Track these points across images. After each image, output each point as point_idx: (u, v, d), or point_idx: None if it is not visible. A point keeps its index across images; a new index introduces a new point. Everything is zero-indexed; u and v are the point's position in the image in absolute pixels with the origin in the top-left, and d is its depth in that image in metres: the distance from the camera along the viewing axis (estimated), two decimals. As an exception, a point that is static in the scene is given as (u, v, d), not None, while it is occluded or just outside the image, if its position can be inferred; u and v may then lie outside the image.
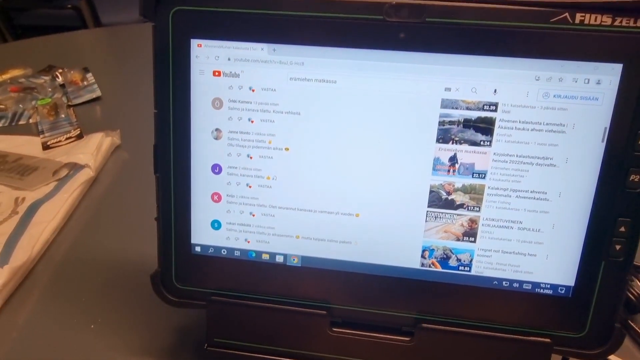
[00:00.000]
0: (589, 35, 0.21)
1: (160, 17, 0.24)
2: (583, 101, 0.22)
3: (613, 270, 0.24)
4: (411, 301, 0.26)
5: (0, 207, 0.41)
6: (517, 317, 0.25)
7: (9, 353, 0.30)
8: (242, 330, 0.27)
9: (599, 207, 0.23)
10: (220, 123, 0.25)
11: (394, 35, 0.22)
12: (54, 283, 0.35)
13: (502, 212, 0.24)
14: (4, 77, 0.63)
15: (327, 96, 0.24)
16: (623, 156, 0.22)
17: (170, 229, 0.27)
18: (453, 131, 0.23)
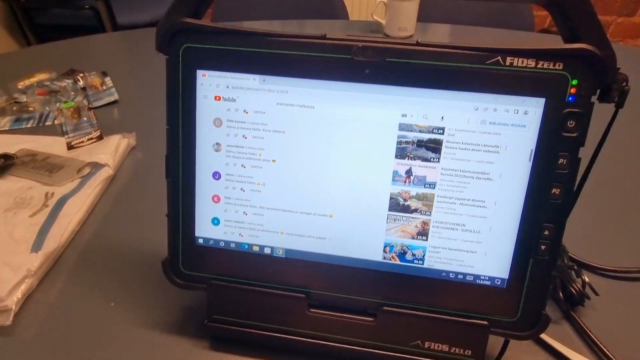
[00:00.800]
0: (517, 75, 0.26)
1: (173, 52, 0.29)
2: (513, 127, 0.27)
3: (540, 267, 0.29)
4: (374, 288, 0.31)
5: (33, 200, 0.47)
6: (461, 303, 0.30)
7: (42, 325, 0.36)
8: (236, 309, 0.33)
9: (528, 214, 0.28)
10: (220, 138, 0.30)
11: (360, 71, 0.28)
12: (79, 267, 0.41)
13: (449, 216, 0.29)
14: (31, 80, 0.69)
15: (307, 118, 0.29)
16: (546, 173, 0.27)
17: (178, 223, 0.32)
18: (408, 149, 0.28)
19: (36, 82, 0.69)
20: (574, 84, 0.26)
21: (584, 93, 0.26)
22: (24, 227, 0.43)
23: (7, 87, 0.67)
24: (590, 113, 0.26)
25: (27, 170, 0.51)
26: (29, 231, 0.42)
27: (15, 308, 0.36)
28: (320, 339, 0.32)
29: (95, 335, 0.35)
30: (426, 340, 0.31)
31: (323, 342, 0.32)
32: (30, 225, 0.43)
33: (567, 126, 0.26)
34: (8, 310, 0.36)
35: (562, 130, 0.27)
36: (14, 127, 0.61)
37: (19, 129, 0.61)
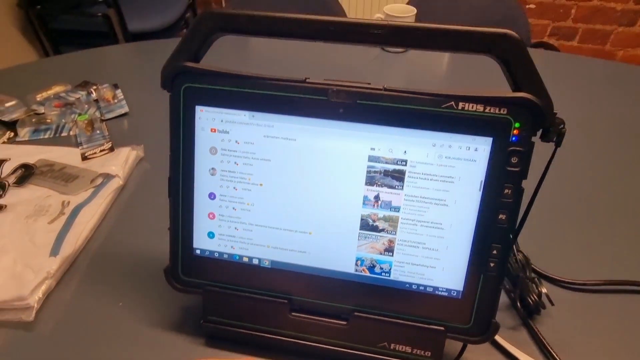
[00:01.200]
0: (468, 117, 0.31)
1: (175, 91, 0.34)
2: (465, 162, 0.31)
3: (489, 281, 0.33)
4: (347, 296, 0.36)
5: (51, 208, 0.52)
6: (422, 310, 0.35)
7: (59, 321, 0.41)
8: (228, 312, 0.38)
9: (478, 236, 0.33)
10: (215, 164, 0.35)
11: (335, 111, 0.32)
12: (92, 270, 0.46)
13: (411, 235, 0.34)
14: (49, 92, 0.74)
15: (289, 149, 0.34)
16: (493, 201, 0.32)
17: (178, 236, 0.37)
18: (377, 178, 0.33)
19: (53, 94, 0.74)
20: (517, 126, 0.30)
21: (525, 134, 0.30)
22: (44, 232, 0.48)
23: (26, 99, 0.73)
24: (531, 151, 0.31)
25: (46, 179, 0.56)
26: (48, 237, 0.47)
27: (36, 306, 0.41)
28: (300, 339, 0.37)
29: (105, 331, 0.40)
30: (392, 342, 0.36)
31: (303, 342, 0.37)
32: (49, 231, 0.48)
33: (510, 162, 0.31)
34: (30, 308, 0.41)
35: (507, 165, 0.31)
36: (33, 138, 0.66)
37: (37, 139, 0.66)
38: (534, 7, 1.70)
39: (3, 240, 0.47)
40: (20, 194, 0.54)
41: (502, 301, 0.44)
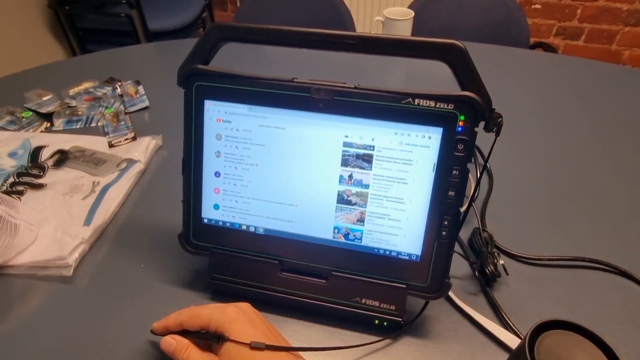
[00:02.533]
0: (423, 111, 0.37)
1: (189, 88, 0.42)
2: (421, 147, 0.38)
3: (442, 247, 0.40)
4: (326, 259, 0.43)
5: (84, 187, 0.61)
6: (387, 271, 0.42)
7: (92, 277, 0.50)
8: (229, 271, 0.46)
9: (432, 209, 0.40)
10: (220, 148, 0.43)
11: (317, 105, 0.39)
12: (118, 238, 0.55)
13: (378, 208, 0.41)
14: (80, 88, 0.84)
15: (280, 136, 0.41)
16: (444, 180, 0.39)
17: (190, 207, 0.45)
18: (350, 160, 0.40)
19: (83, 90, 0.84)
20: (462, 119, 0.37)
21: (468, 125, 0.37)
22: (78, 207, 0.57)
23: (60, 94, 0.82)
24: (474, 139, 0.37)
25: (79, 163, 0.65)
26: (81, 210, 0.56)
27: (74, 264, 0.50)
28: (289, 294, 0.44)
29: (130, 286, 0.49)
30: (363, 298, 0.43)
31: (291, 296, 0.44)
32: (82, 205, 0.57)
33: (457, 148, 0.38)
34: (69, 266, 0.49)
35: (454, 151, 0.38)
36: (66, 128, 0.75)
37: (70, 129, 0.75)
38: (540, 7, 1.73)
39: (45, 213, 0.56)
40: (57, 175, 0.63)
41: (466, 271, 0.50)
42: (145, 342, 0.43)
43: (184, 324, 0.37)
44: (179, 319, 0.38)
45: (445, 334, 0.44)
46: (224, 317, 0.36)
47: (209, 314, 0.36)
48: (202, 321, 0.36)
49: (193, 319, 0.37)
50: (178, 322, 0.38)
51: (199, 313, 0.37)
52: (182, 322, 0.37)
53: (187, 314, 0.38)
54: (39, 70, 0.94)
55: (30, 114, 0.76)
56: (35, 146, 0.69)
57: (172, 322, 0.38)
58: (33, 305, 0.47)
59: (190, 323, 0.37)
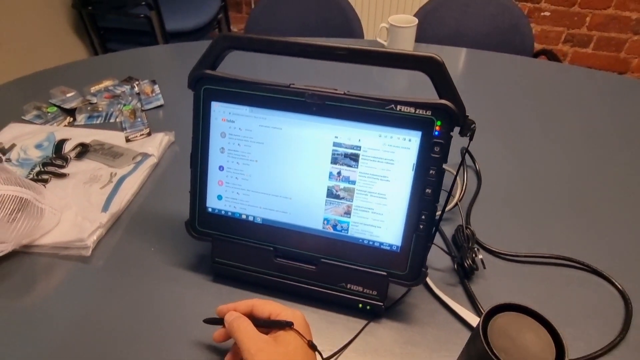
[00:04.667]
0: (404, 117, 0.42)
1: (197, 90, 0.47)
2: (402, 149, 0.43)
3: (420, 239, 0.45)
4: (316, 247, 0.48)
5: (102, 177, 0.66)
6: (371, 260, 0.46)
7: (107, 258, 0.55)
8: (230, 255, 0.51)
9: (411, 204, 0.44)
10: (224, 145, 0.48)
11: (310, 108, 0.44)
12: (132, 224, 0.60)
13: (363, 203, 0.45)
14: (100, 86, 0.90)
15: (277, 135, 0.46)
16: (422, 179, 0.43)
17: (196, 197, 0.50)
18: (339, 158, 0.45)
19: (103, 87, 0.90)
20: (438, 124, 0.41)
21: (444, 130, 0.41)
22: (97, 195, 0.63)
23: (82, 91, 0.88)
24: (449, 143, 0.42)
25: (98, 156, 0.71)
26: (100, 198, 0.62)
27: (92, 246, 0.55)
28: (282, 278, 0.49)
29: (141, 267, 0.54)
30: (348, 283, 0.47)
31: (284, 280, 0.49)
32: (100, 194, 0.63)
33: (434, 150, 0.42)
34: (88, 247, 0.55)
35: (431, 152, 0.42)
36: (87, 123, 0.82)
37: (91, 124, 0.81)
38: (549, 14, 1.75)
39: (67, 199, 0.62)
40: (78, 166, 0.69)
41: (448, 265, 0.55)
42: (154, 317, 0.48)
43: (255, 308, 0.41)
44: (251, 302, 0.42)
45: (423, 319, 0.48)
46: (294, 313, 0.40)
47: (280, 306, 0.41)
48: (274, 309, 0.40)
49: (266, 305, 0.41)
50: (249, 305, 0.41)
51: (272, 302, 0.41)
52: (254, 306, 0.41)
53: (259, 301, 0.41)
54: (63, 68, 1.00)
55: (55, 109, 0.83)
56: (59, 139, 0.75)
57: (242, 305, 0.42)
58: (55, 281, 0.53)
59: (262, 308, 0.41)
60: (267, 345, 0.37)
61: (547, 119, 0.82)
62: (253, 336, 0.38)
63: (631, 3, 1.64)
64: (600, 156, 0.73)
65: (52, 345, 0.45)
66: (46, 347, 0.45)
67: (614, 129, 0.80)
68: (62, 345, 0.45)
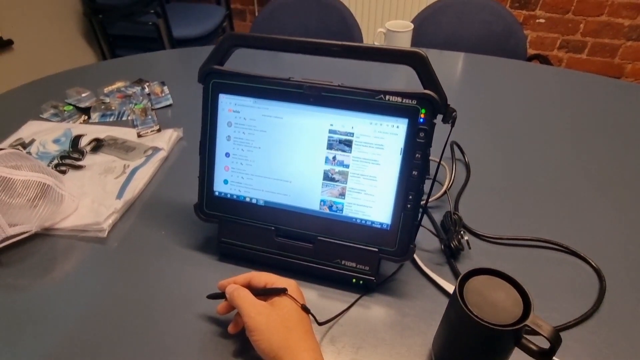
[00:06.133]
0: (392, 105, 0.47)
1: (206, 84, 0.52)
2: (391, 135, 0.47)
3: (407, 218, 0.49)
4: (313, 226, 0.52)
5: (116, 169, 0.71)
6: (363, 237, 0.51)
7: (121, 240, 0.60)
8: (235, 235, 0.55)
9: (400, 186, 0.48)
10: (230, 133, 0.52)
11: (308, 99, 0.49)
12: (144, 210, 0.65)
13: (356, 185, 0.50)
14: (113, 87, 0.95)
15: (278, 124, 0.51)
16: (409, 162, 0.47)
17: (204, 182, 0.55)
18: (334, 144, 0.49)
19: (116, 88, 0.95)
20: (423, 112, 0.46)
21: (428, 117, 0.46)
22: (111, 184, 0.68)
23: (96, 91, 0.94)
24: (433, 129, 0.46)
25: (112, 149, 0.76)
26: (114, 187, 0.67)
27: (108, 229, 0.60)
28: (283, 256, 0.54)
29: (153, 249, 0.59)
30: (343, 259, 0.52)
31: (284, 258, 0.54)
32: (115, 183, 0.68)
33: (419, 136, 0.47)
34: (104, 230, 0.60)
35: (417, 138, 0.47)
36: (101, 120, 0.87)
37: (105, 122, 0.87)
38: (544, 21, 1.80)
39: (84, 188, 0.67)
40: (94, 159, 0.74)
41: (436, 246, 0.59)
42: (164, 293, 0.53)
43: (253, 280, 0.45)
44: (248, 276, 0.46)
45: (412, 293, 0.52)
46: (288, 281, 0.45)
47: (275, 276, 0.45)
48: (270, 279, 0.45)
49: (262, 276, 0.45)
50: (247, 278, 0.46)
51: (267, 273, 0.46)
52: (252, 278, 0.46)
53: (256, 273, 0.46)
54: (77, 71, 1.06)
55: (71, 107, 0.88)
56: (76, 134, 0.80)
57: (240, 278, 0.46)
58: (74, 260, 0.57)
59: (258, 279, 0.45)
60: (264, 309, 0.42)
61: (535, 117, 0.87)
62: (252, 302, 0.42)
63: (623, 10, 1.69)
64: (579, 149, 0.77)
65: (72, 317, 0.50)
66: (67, 319, 0.50)
67: (595, 124, 0.84)
68: (81, 317, 0.50)
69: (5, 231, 0.54)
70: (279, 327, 0.40)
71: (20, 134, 0.81)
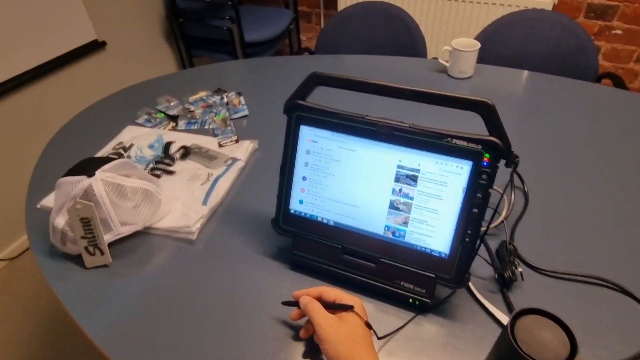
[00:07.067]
0: (458, 148, 0.51)
1: (290, 116, 0.59)
2: (455, 174, 0.52)
3: (465, 249, 0.53)
4: (377, 248, 0.58)
5: (201, 176, 0.81)
6: (422, 263, 0.56)
7: (207, 243, 0.69)
8: (306, 249, 0.62)
9: (460, 220, 0.53)
10: (308, 160, 0.59)
11: (380, 135, 0.55)
12: (225, 217, 0.74)
13: (419, 215, 0.55)
14: (196, 96, 1.06)
15: (352, 156, 0.57)
16: (470, 200, 0.52)
17: (282, 200, 0.63)
18: (401, 178, 0.55)
19: (199, 98, 1.06)
20: (487, 156, 0.50)
21: (492, 161, 0.50)
22: (198, 190, 0.77)
23: (182, 99, 1.05)
24: (495, 172, 0.50)
25: (197, 157, 0.86)
26: (200, 193, 0.76)
27: (196, 232, 0.70)
28: (347, 272, 0.60)
29: (232, 252, 0.67)
30: (402, 281, 0.57)
31: (349, 274, 0.60)
32: (201, 190, 0.77)
33: (482, 177, 0.51)
34: (193, 233, 0.70)
35: (479, 179, 0.51)
36: (187, 128, 0.98)
37: (189, 129, 0.97)
38: (621, 32, 1.71)
39: (176, 192, 0.77)
40: (182, 165, 0.85)
41: (490, 275, 0.63)
42: (242, 294, 0.61)
43: (323, 294, 0.52)
44: (319, 289, 0.53)
45: (464, 318, 0.57)
46: (355, 299, 0.51)
47: (343, 292, 0.51)
48: (338, 295, 0.51)
49: (332, 291, 0.52)
50: (319, 291, 0.53)
51: (337, 289, 0.52)
52: (322, 292, 0.52)
53: (326, 288, 0.52)
54: (165, 78, 1.18)
55: (162, 115, 1.00)
56: (167, 141, 0.91)
57: (312, 290, 0.53)
58: (166, 257, 0.67)
59: (328, 294, 0.52)
60: (334, 322, 0.48)
61: (602, 146, 0.86)
62: (323, 315, 0.49)
63: None
64: (651, 186, 0.76)
65: (162, 305, 0.60)
66: (158, 306, 0.60)
67: (670, 160, 0.82)
68: (169, 306, 0.60)
69: (118, 230, 0.65)
70: (346, 339, 0.47)
71: (120, 137, 0.93)
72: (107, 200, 0.64)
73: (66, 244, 0.65)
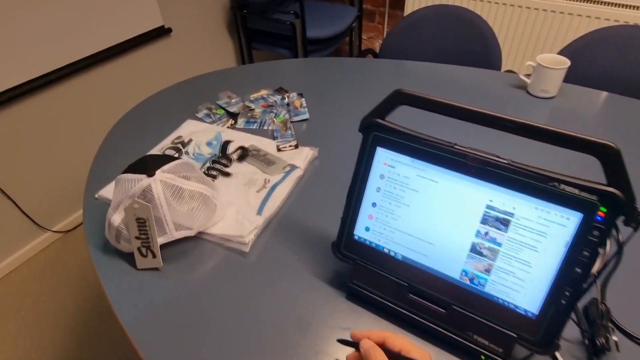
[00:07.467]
0: (566, 196, 0.43)
1: (366, 135, 0.53)
2: (558, 225, 0.44)
3: (558, 312, 0.46)
4: (450, 293, 0.52)
5: (258, 182, 0.77)
6: (502, 318, 0.49)
7: (260, 255, 0.65)
8: (367, 280, 0.57)
9: (557, 279, 0.45)
10: (381, 185, 0.54)
11: (469, 169, 0.48)
12: (280, 229, 0.70)
13: (506, 265, 0.48)
14: (258, 94, 1.03)
15: (433, 187, 0.50)
16: (574, 258, 0.44)
17: (346, 224, 0.57)
18: (489, 220, 0.48)
19: (260, 96, 1.02)
20: (603, 210, 0.42)
21: (608, 217, 0.42)
22: (254, 197, 0.74)
23: (243, 97, 1.02)
24: (610, 230, 0.42)
25: (255, 161, 0.82)
26: (256, 201, 0.73)
27: (250, 243, 0.66)
28: (412, 313, 0.54)
29: (285, 270, 0.63)
30: (475, 334, 0.51)
31: (413, 316, 0.54)
32: (256, 197, 0.74)
33: (592, 234, 0.43)
34: (247, 244, 0.66)
35: (589, 235, 0.43)
36: (245, 127, 0.94)
37: (248, 128, 0.94)
38: None
39: (230, 197, 0.74)
40: (239, 167, 0.81)
41: (576, 337, 0.54)
42: (293, 317, 0.56)
43: (387, 341, 0.45)
44: (383, 335, 0.46)
45: (543, 386, 0.50)
46: (423, 353, 0.44)
47: (411, 343, 0.45)
48: (405, 346, 0.44)
49: (397, 339, 0.45)
50: (382, 336, 0.46)
51: (403, 338, 0.45)
52: (386, 338, 0.45)
53: (391, 334, 0.46)
54: (225, 72, 1.16)
55: (222, 111, 0.97)
56: (225, 140, 0.88)
57: (375, 334, 0.46)
58: (216, 265, 0.64)
59: (394, 342, 0.45)
60: None
61: None
62: None
63: None
64: None
65: (202, 313, 0.56)
66: (198, 313, 0.56)
67: None
68: (216, 317, 0.56)
69: (172, 234, 0.63)
70: None
71: (180, 131, 0.91)
72: (165, 202, 0.61)
73: (120, 242, 0.63)
